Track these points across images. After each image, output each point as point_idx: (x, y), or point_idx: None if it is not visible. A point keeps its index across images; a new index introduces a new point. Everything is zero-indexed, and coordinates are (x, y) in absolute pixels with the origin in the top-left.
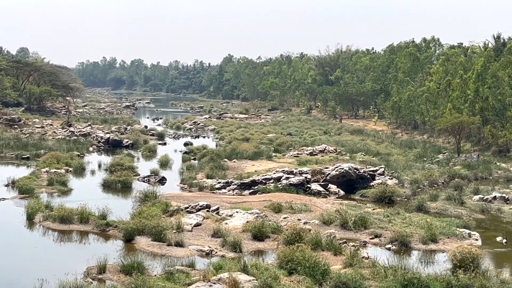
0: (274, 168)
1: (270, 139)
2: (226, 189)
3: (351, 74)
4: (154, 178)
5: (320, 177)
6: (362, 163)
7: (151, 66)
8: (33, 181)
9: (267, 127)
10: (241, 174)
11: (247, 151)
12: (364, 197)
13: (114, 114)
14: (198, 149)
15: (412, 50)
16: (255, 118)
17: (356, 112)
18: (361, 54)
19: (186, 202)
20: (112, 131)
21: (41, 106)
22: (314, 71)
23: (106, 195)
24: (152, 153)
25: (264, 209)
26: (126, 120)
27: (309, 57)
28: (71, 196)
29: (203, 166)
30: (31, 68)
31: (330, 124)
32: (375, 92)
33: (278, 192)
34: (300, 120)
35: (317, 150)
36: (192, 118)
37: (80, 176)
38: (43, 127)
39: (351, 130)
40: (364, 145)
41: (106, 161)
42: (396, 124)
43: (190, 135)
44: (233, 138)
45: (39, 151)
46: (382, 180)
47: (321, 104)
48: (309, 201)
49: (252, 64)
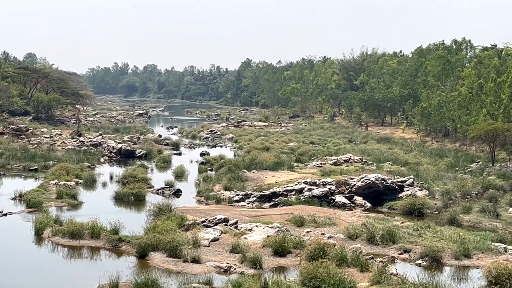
0: (296, 179)
1: (292, 148)
2: (245, 201)
3: (377, 79)
4: (168, 190)
5: (345, 188)
6: (389, 173)
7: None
8: (42, 194)
9: (288, 135)
10: (261, 186)
11: (267, 161)
12: (392, 210)
13: (127, 123)
14: (215, 159)
15: (443, 52)
16: (275, 126)
17: (383, 119)
18: (388, 57)
19: (203, 215)
20: (124, 141)
21: (50, 115)
22: (338, 75)
23: (118, 208)
24: (167, 163)
25: (285, 223)
26: (139, 129)
27: (332, 60)
28: (81, 210)
29: (221, 178)
30: (39, 75)
31: (355, 132)
32: (403, 97)
33: (300, 204)
34: (323, 128)
35: (341, 159)
36: (208, 126)
37: (91, 189)
38: (51, 137)
39: (377, 138)
40: (391, 154)
41: (118, 172)
42: (426, 131)
43: (207, 145)
44: (252, 147)
45: (48, 162)
46: (411, 191)
47: (346, 110)
48: (334, 214)
49: (272, 68)
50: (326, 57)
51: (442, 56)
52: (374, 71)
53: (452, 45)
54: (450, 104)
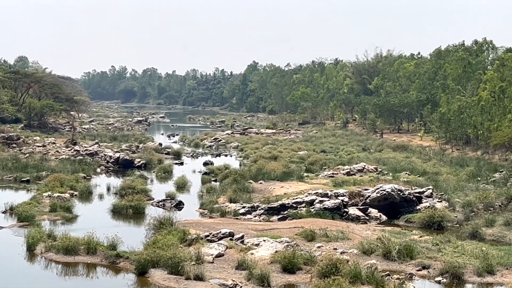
0: (306, 190)
1: (301, 157)
2: (251, 214)
3: (393, 82)
4: (170, 202)
5: (358, 200)
6: (406, 183)
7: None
8: (34, 207)
9: (298, 143)
10: (268, 198)
11: (275, 171)
12: (409, 223)
13: (125, 131)
14: (219, 169)
15: (463, 54)
16: (284, 133)
17: (399, 125)
18: (404, 59)
19: (207, 229)
20: (122, 150)
21: (43, 122)
22: (351, 79)
23: (116, 222)
24: (168, 174)
25: (295, 237)
26: (138, 137)
27: (344, 63)
28: (76, 224)
29: (225, 189)
30: (31, 80)
31: (369, 140)
32: (420, 102)
33: (311, 217)
34: (335, 135)
35: (355, 169)
36: (212, 134)
37: (87, 201)
38: (44, 146)
39: (393, 146)
40: (408, 163)
41: (116, 183)
42: (446, 139)
43: (210, 154)
44: (259, 156)
45: (41, 173)
46: (430, 203)
47: (359, 116)
48: (347, 227)
49: (280, 72)
50: (338, 60)
51: (463, 58)
52: (390, 74)
53: (473, 46)
54: (471, 109)
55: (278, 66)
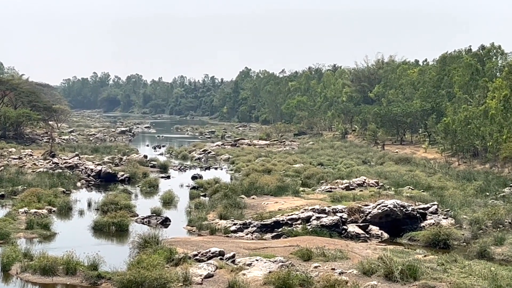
0: (302, 206)
1: (297, 170)
2: (243, 232)
3: (395, 90)
4: (155, 219)
5: (358, 216)
6: (410, 199)
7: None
8: (9, 224)
9: (293, 155)
10: (261, 214)
11: (268, 185)
12: (413, 241)
13: (107, 142)
14: (209, 184)
15: (471, 60)
16: (278, 144)
17: (402, 136)
18: (407, 65)
19: (195, 248)
20: (104, 163)
21: (19, 133)
22: (350, 87)
23: (98, 240)
24: (153, 188)
25: (290, 256)
26: (121, 148)
27: (343, 69)
28: (55, 242)
29: (215, 204)
30: (6, 87)
31: (370, 152)
32: (425, 112)
33: (307, 235)
34: (333, 147)
35: (354, 183)
36: (201, 145)
37: (66, 218)
38: (20, 158)
39: (396, 158)
40: (412, 177)
41: (98, 199)
42: (452, 151)
43: (199, 167)
44: (252, 169)
45: (16, 187)
46: (435, 220)
47: (359, 127)
48: (346, 246)
49: (274, 79)
50: (336, 66)
51: (470, 65)
52: (392, 81)
53: (480, 51)
54: (479, 119)
55: (272, 73)
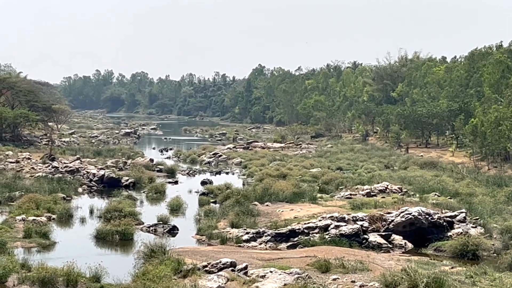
0: (320, 214)
1: (314, 175)
2: (256, 241)
3: (420, 89)
4: (162, 227)
5: (380, 225)
6: (436, 206)
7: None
8: (6, 232)
9: (310, 159)
10: (276, 222)
11: (283, 191)
12: (439, 252)
13: (111, 144)
14: (219, 189)
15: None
16: (294, 147)
17: (427, 139)
18: (432, 62)
19: (205, 259)
20: (107, 167)
21: (16, 135)
22: (371, 85)
23: (100, 250)
24: (160, 194)
25: (307, 268)
26: (125, 152)
27: (364, 67)
28: (54, 252)
29: (226, 212)
30: (2, 85)
31: (393, 155)
32: (452, 112)
33: (325, 245)
34: (353, 150)
35: (376, 189)
36: (211, 148)
37: (67, 226)
38: (18, 162)
39: (420, 162)
40: (438, 183)
41: (100, 205)
42: (481, 154)
43: (209, 171)
44: (266, 174)
45: (13, 193)
46: (463, 229)
47: (381, 129)
48: (366, 257)
49: (289, 77)
50: (357, 63)
51: (501, 61)
52: (416, 80)
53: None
54: (510, 120)
55: (288, 70)
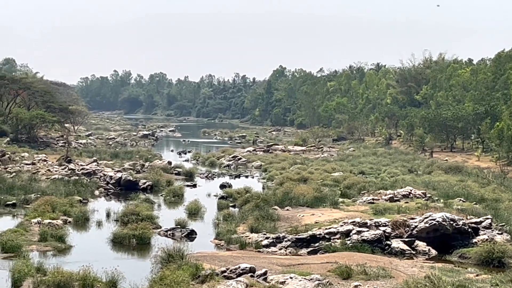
0: (341, 219)
1: (336, 179)
2: (276, 246)
3: (444, 92)
4: (180, 231)
5: (403, 231)
6: (460, 212)
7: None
8: (21, 236)
9: (332, 163)
10: (296, 227)
11: (304, 195)
12: (464, 259)
13: (128, 146)
14: (238, 193)
15: None
16: (316, 151)
17: (452, 143)
18: (457, 64)
19: (223, 264)
20: (125, 169)
21: (32, 136)
22: (395, 88)
23: (117, 254)
24: (178, 198)
25: (327, 274)
26: (143, 154)
27: (387, 69)
28: (70, 256)
29: (246, 216)
30: (19, 86)
31: (416, 160)
32: (478, 116)
33: (346, 251)
34: (376, 154)
35: (399, 194)
36: (230, 151)
37: (83, 229)
38: (34, 164)
39: (445, 167)
40: (463, 188)
41: (117, 209)
42: (508, 159)
43: (228, 174)
44: (286, 178)
45: (29, 195)
46: (489, 235)
47: (405, 132)
48: (389, 263)
49: (311, 78)
50: (380, 65)
51: None
52: (441, 82)
53: None
54: None
55: (309, 72)
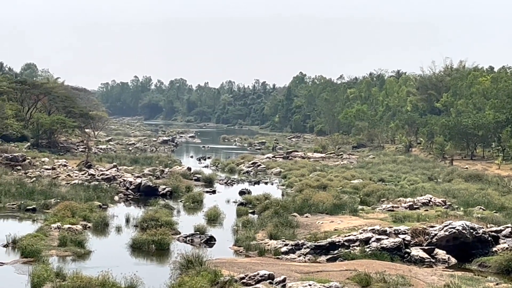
0: (361, 226)
1: (355, 186)
2: (295, 253)
3: (465, 100)
4: (199, 237)
5: (423, 239)
6: (480, 220)
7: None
8: (40, 240)
9: (351, 170)
10: (315, 234)
11: (323, 202)
12: (483, 267)
13: (148, 152)
14: (258, 200)
15: None
16: (335, 158)
17: (473, 151)
18: (478, 72)
19: (242, 270)
20: (144, 175)
21: (52, 141)
22: (415, 95)
23: (136, 259)
24: (197, 204)
25: (346, 282)
26: (163, 160)
27: (408, 76)
28: (89, 261)
29: (265, 223)
30: (39, 91)
31: (436, 167)
32: (498, 124)
33: (365, 258)
34: (396, 162)
35: (419, 202)
36: (250, 157)
37: (102, 235)
38: (54, 169)
39: (465, 175)
40: (483, 196)
41: (137, 214)
42: None
43: (248, 181)
44: (305, 185)
45: (49, 200)
46: (509, 244)
47: (425, 140)
48: (408, 271)
49: (331, 85)
50: (400, 72)
51: None
52: (462, 90)
53: None
54: None
55: (329, 79)
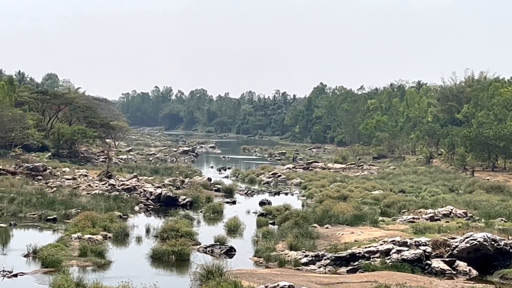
0: (381, 238)
1: (376, 197)
2: (315, 264)
3: (486, 111)
4: (219, 248)
5: (444, 250)
6: (502, 232)
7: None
8: (61, 251)
9: (372, 181)
10: (336, 245)
11: (344, 213)
12: (505, 280)
13: (168, 162)
14: (278, 210)
15: None
16: (356, 169)
17: (494, 162)
18: (499, 83)
19: (262, 281)
20: (164, 185)
21: (73, 151)
22: (436, 106)
23: (156, 270)
24: (217, 214)
25: None
26: (183, 170)
27: (429, 87)
28: (110, 271)
29: (285, 234)
30: (61, 101)
31: (457, 179)
32: None
33: (386, 270)
34: (417, 173)
35: (440, 213)
36: (270, 168)
37: (122, 245)
38: (75, 179)
39: (487, 186)
40: (505, 208)
41: (157, 224)
42: None
43: (268, 191)
44: (326, 195)
45: (70, 210)
46: None
47: (446, 151)
48: (429, 283)
49: (351, 96)
50: (421, 83)
51: None
52: (483, 101)
53: None
54: None
55: (350, 89)
